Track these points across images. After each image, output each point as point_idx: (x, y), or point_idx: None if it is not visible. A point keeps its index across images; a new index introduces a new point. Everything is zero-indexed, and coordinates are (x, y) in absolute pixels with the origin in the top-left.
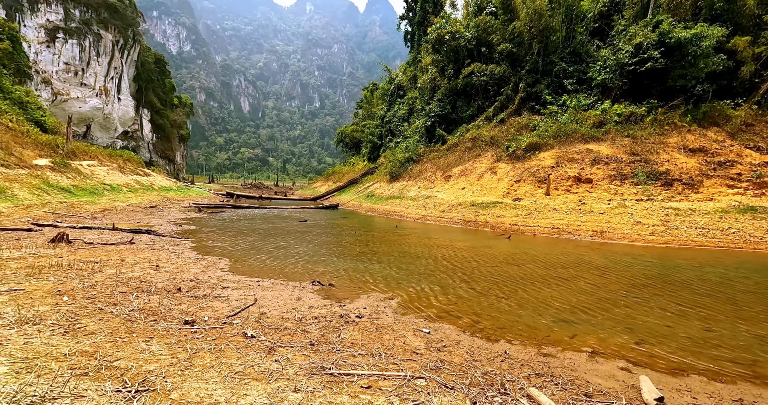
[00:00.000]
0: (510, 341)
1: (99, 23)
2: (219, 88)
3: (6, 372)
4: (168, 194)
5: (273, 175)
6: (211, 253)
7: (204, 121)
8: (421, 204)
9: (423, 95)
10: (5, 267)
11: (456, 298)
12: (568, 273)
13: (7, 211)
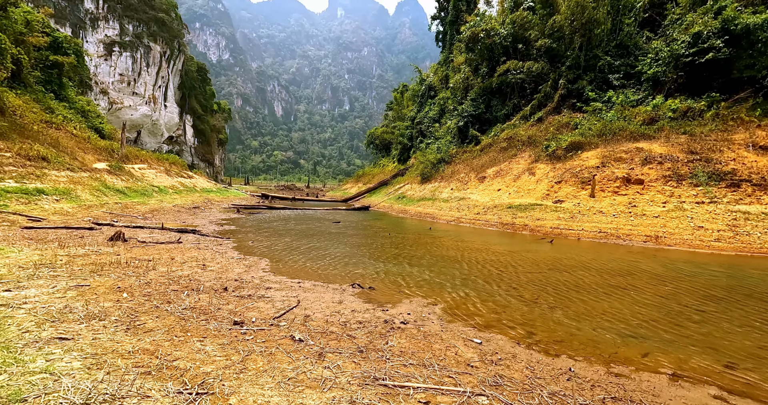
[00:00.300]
0: (572, 357)
1: (149, 36)
2: (254, 93)
3: (79, 368)
4: (209, 195)
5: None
6: (252, 253)
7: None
8: (454, 206)
9: (455, 95)
10: (73, 263)
11: (503, 307)
12: (624, 282)
13: (72, 211)
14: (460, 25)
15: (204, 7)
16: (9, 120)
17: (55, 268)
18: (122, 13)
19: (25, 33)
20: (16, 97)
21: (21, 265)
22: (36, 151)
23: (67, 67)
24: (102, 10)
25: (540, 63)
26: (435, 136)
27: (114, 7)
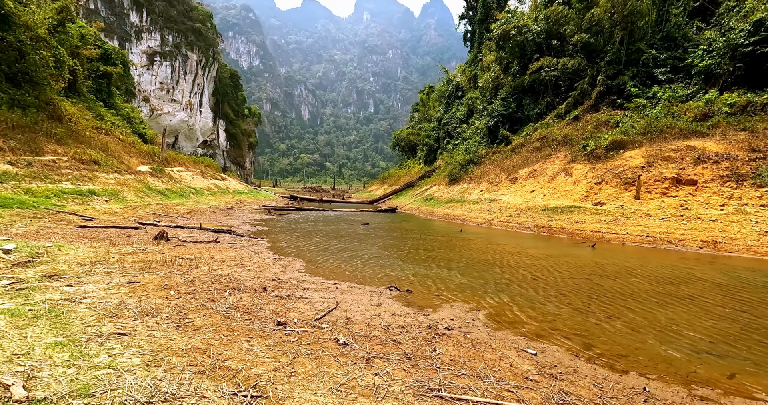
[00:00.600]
0: (643, 374)
1: (186, 46)
2: (282, 98)
3: (139, 364)
4: (241, 197)
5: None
6: (286, 254)
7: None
8: (484, 208)
9: (484, 95)
10: (123, 261)
11: (551, 315)
12: (682, 291)
13: (119, 211)
14: (490, 24)
15: (237, 16)
16: (66, 127)
17: (109, 265)
18: (163, 25)
19: (80, 46)
20: (72, 106)
21: (79, 262)
22: (88, 156)
23: (115, 76)
24: (146, 22)
25: (576, 59)
26: (463, 137)
27: (156, 20)
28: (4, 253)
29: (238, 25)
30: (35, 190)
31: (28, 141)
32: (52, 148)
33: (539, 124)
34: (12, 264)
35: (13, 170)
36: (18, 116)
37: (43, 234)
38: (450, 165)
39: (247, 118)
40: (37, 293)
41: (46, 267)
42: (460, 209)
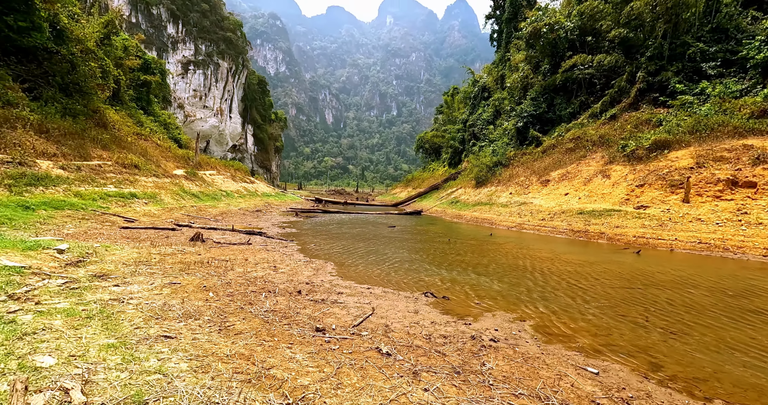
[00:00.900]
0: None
1: (218, 54)
2: (307, 102)
3: (187, 370)
4: (268, 200)
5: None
6: (317, 256)
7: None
8: (514, 211)
9: (512, 95)
10: (164, 262)
11: (605, 328)
12: (754, 304)
13: (158, 213)
14: (519, 22)
15: (264, 24)
16: (110, 133)
17: (151, 266)
18: (197, 35)
19: (123, 57)
20: (115, 113)
21: (124, 262)
22: (130, 160)
23: (154, 85)
24: (181, 33)
25: (613, 55)
26: (489, 139)
27: (191, 30)
28: (59, 253)
29: (266, 32)
30: (83, 193)
31: (78, 147)
32: (98, 153)
33: (572, 124)
34: (65, 263)
35: (65, 174)
36: (69, 124)
37: (91, 235)
38: (477, 167)
39: (273, 123)
40: (89, 293)
41: (95, 267)
42: (488, 212)
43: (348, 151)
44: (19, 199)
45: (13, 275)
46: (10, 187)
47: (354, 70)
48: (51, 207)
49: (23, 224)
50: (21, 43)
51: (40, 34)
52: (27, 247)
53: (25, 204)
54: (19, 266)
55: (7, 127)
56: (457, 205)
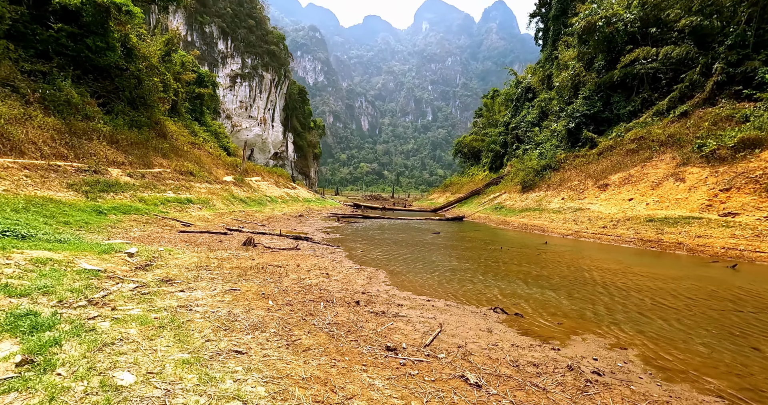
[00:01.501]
0: None
1: (262, 66)
2: (344, 110)
3: (265, 396)
4: (309, 205)
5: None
6: (366, 263)
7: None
8: (569, 217)
9: (561, 95)
10: (222, 267)
11: (739, 365)
12: None
13: (210, 218)
14: (568, 18)
15: (304, 36)
16: (169, 143)
17: (211, 271)
18: (244, 50)
19: (181, 72)
20: (173, 124)
21: (186, 267)
22: (186, 168)
23: (206, 97)
24: (230, 49)
25: (683, 46)
26: (535, 142)
27: (238, 46)
28: (129, 256)
29: (306, 44)
30: (147, 199)
31: (142, 155)
32: (159, 161)
33: (633, 124)
34: (135, 267)
35: (131, 181)
36: (135, 134)
37: (154, 238)
38: (523, 171)
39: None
40: (158, 299)
41: (161, 271)
42: (538, 219)
43: (383, 156)
44: (93, 205)
45: (91, 278)
46: (87, 193)
47: (389, 76)
48: (120, 212)
49: (97, 228)
50: (97, 62)
51: (113, 53)
52: (102, 250)
53: (98, 209)
54: (96, 269)
55: (85, 139)
56: (501, 210)
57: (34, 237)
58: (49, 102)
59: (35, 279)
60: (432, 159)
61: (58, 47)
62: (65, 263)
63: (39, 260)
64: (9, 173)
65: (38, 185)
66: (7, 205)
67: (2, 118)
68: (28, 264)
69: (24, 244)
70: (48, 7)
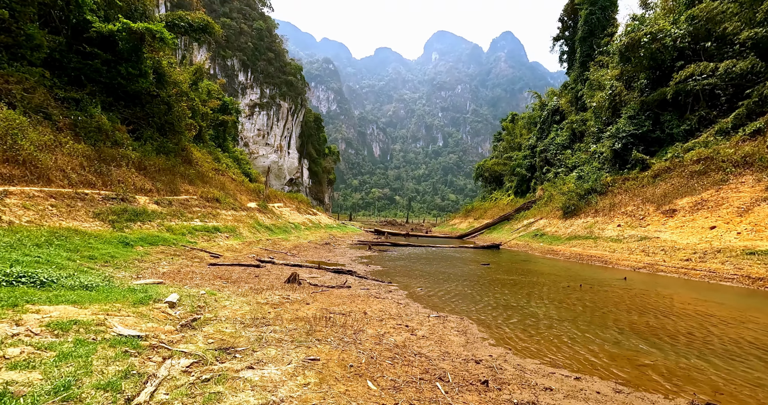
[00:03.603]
0: None
1: (280, 96)
2: (356, 137)
3: None
4: (331, 231)
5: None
6: (439, 307)
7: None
8: (634, 247)
9: (598, 115)
10: (281, 318)
11: None
12: None
13: (239, 247)
14: (595, 40)
15: (318, 68)
16: (195, 169)
17: (270, 325)
18: (263, 81)
19: (206, 100)
20: (197, 151)
21: (241, 320)
22: (212, 194)
23: (230, 124)
24: (250, 80)
25: (747, 60)
26: (566, 164)
27: (257, 77)
28: (170, 307)
29: (320, 76)
30: (174, 228)
31: (169, 182)
32: (185, 188)
33: (692, 143)
34: (180, 324)
35: (159, 209)
36: (162, 161)
37: (185, 273)
38: (564, 195)
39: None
40: (227, 391)
41: (213, 329)
42: (593, 248)
43: (395, 182)
44: (120, 236)
45: (130, 353)
46: (113, 222)
47: (400, 104)
48: (147, 243)
49: (124, 262)
50: (129, 89)
51: (145, 79)
52: (137, 299)
53: (125, 240)
54: (135, 335)
55: (114, 165)
56: (543, 238)
57: (55, 283)
58: (80, 128)
59: (51, 366)
60: (443, 184)
61: (91, 74)
62: (94, 327)
63: (60, 325)
64: (34, 202)
65: (64, 215)
66: (29, 238)
67: (32, 145)
68: (44, 332)
69: (42, 296)
70: (85, 35)
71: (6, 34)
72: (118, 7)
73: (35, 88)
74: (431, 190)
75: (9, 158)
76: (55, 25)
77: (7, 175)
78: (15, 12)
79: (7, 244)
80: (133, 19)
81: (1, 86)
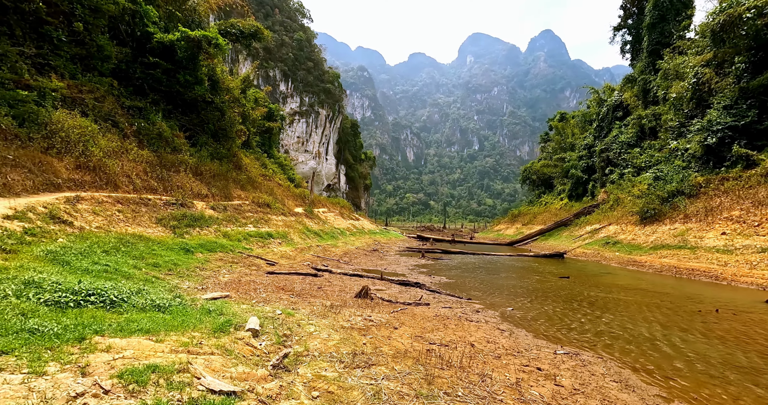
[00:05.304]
0: None
1: (318, 104)
2: (390, 142)
3: None
4: (375, 237)
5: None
6: (555, 338)
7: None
8: (755, 260)
9: (678, 108)
10: (380, 351)
11: None
12: None
13: (292, 254)
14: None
15: (353, 76)
16: (245, 174)
17: (373, 363)
18: (302, 89)
19: (254, 107)
20: (246, 156)
21: (338, 357)
22: (262, 199)
23: (275, 130)
24: (290, 89)
25: None
26: (634, 164)
27: (297, 86)
28: (253, 337)
29: (355, 83)
30: (230, 233)
31: (223, 187)
32: (237, 193)
33: None
34: (271, 364)
35: (215, 214)
36: (216, 166)
37: (246, 283)
38: (641, 198)
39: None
40: None
41: (310, 372)
42: (694, 260)
43: (429, 187)
44: (180, 242)
45: None
46: (174, 228)
47: (434, 109)
48: (206, 249)
49: (186, 270)
50: (186, 96)
51: (201, 86)
52: (216, 326)
53: (185, 246)
54: (228, 391)
55: (173, 171)
56: (617, 246)
57: (125, 302)
58: (143, 135)
59: None
60: (480, 188)
61: (153, 83)
62: (177, 377)
63: (135, 374)
64: (103, 208)
65: (129, 221)
66: (99, 245)
67: (101, 152)
68: (116, 388)
69: (113, 321)
70: (147, 46)
71: (81, 47)
72: (177, 19)
73: (105, 97)
74: (467, 194)
75: (81, 164)
76: (122, 38)
77: (79, 181)
78: (88, 25)
79: (78, 252)
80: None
81: (75, 95)
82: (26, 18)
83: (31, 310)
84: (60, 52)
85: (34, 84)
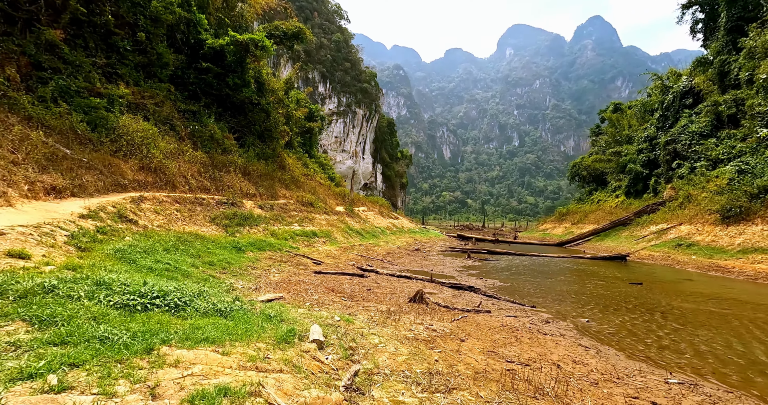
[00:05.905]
0: None
1: (355, 104)
2: (426, 140)
3: None
4: (415, 236)
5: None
6: (654, 360)
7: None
8: None
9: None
10: (461, 376)
11: None
12: None
13: (336, 253)
14: None
15: (389, 75)
16: (289, 174)
17: (453, 387)
18: (340, 90)
19: (296, 108)
20: (289, 156)
21: (412, 377)
22: (306, 198)
23: (315, 130)
24: (328, 90)
25: None
26: (708, 157)
27: (335, 87)
28: (319, 349)
29: (391, 82)
30: (277, 232)
31: (269, 187)
32: (282, 193)
33: None
34: (343, 385)
35: (263, 213)
36: (263, 166)
37: (295, 283)
38: (722, 195)
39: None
40: None
41: (387, 398)
42: None
43: (466, 185)
44: (232, 240)
45: None
46: (226, 227)
47: (472, 105)
48: (255, 248)
49: (239, 269)
50: (235, 99)
51: (248, 89)
52: (280, 337)
53: (237, 245)
54: None
55: (224, 171)
56: (692, 249)
57: (188, 306)
58: (197, 138)
59: None
60: (520, 186)
61: (205, 87)
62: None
63: (207, 396)
64: (163, 208)
65: (186, 219)
66: (160, 243)
67: (161, 153)
68: None
69: (179, 328)
70: (200, 52)
71: (143, 55)
72: (226, 25)
73: (163, 101)
74: (506, 192)
75: (144, 166)
76: (177, 46)
77: (142, 182)
78: (149, 34)
79: (143, 250)
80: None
81: (138, 101)
82: (97, 30)
83: (102, 314)
84: (125, 60)
85: (104, 91)
